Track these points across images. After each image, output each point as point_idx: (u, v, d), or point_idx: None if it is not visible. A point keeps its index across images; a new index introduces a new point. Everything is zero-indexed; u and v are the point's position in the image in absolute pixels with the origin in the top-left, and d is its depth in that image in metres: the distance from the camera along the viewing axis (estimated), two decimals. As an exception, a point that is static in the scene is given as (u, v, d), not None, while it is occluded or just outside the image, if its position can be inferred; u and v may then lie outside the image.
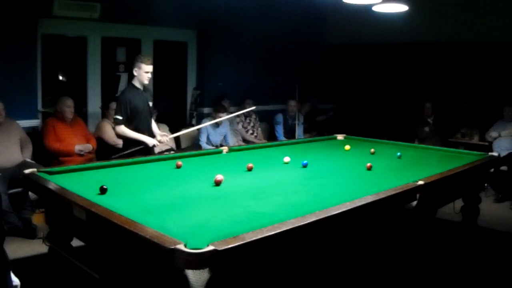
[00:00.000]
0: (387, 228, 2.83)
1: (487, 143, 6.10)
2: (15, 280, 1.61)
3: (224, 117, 5.45)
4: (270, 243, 1.89)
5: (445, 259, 3.68)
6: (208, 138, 5.83)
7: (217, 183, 2.83)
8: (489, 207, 5.10)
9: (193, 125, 6.42)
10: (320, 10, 7.64)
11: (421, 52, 7.04)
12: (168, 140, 4.46)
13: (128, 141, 4.11)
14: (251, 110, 6.24)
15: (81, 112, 5.52)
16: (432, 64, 6.99)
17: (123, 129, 4.04)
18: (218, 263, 1.67)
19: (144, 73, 4.08)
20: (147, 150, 4.12)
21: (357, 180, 3.15)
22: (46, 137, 4.70)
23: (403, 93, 7.26)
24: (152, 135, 4.26)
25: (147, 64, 4.07)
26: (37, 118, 5.13)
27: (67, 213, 2.38)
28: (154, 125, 4.42)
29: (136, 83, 4.14)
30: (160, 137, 4.28)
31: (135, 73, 4.12)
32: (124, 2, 5.49)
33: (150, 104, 4.29)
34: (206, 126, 5.82)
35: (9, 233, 4.03)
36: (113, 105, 5.28)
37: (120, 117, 4.01)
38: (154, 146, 4.18)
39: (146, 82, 4.14)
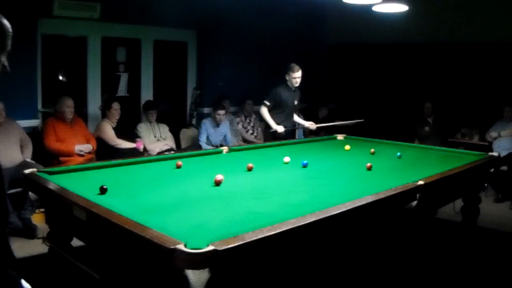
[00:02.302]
0: (387, 228, 2.83)
1: (487, 143, 6.10)
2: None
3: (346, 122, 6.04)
4: (270, 243, 1.89)
5: (445, 259, 3.68)
6: (208, 138, 5.83)
7: (217, 183, 2.83)
8: (489, 207, 5.10)
9: (193, 125, 6.44)
10: (320, 10, 7.64)
11: (421, 52, 7.04)
12: (315, 128, 5.68)
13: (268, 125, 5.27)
14: (252, 111, 6.37)
15: (81, 112, 5.52)
16: (432, 64, 6.99)
17: (264, 111, 5.23)
18: (218, 263, 1.67)
19: (293, 78, 5.20)
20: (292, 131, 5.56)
21: (357, 180, 3.15)
22: (46, 137, 4.70)
23: (403, 93, 7.26)
24: (293, 123, 5.46)
25: (295, 71, 5.17)
26: (37, 118, 5.13)
27: (67, 213, 2.38)
28: (297, 117, 5.60)
29: (288, 84, 5.27)
30: (308, 125, 5.57)
31: (286, 78, 5.25)
32: (124, 2, 5.49)
33: (296, 102, 5.40)
34: (206, 127, 5.83)
35: (9, 233, 4.03)
36: (115, 105, 5.30)
37: (267, 103, 5.21)
38: (279, 132, 5.17)
39: (296, 85, 5.26)
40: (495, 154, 4.17)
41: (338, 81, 8.11)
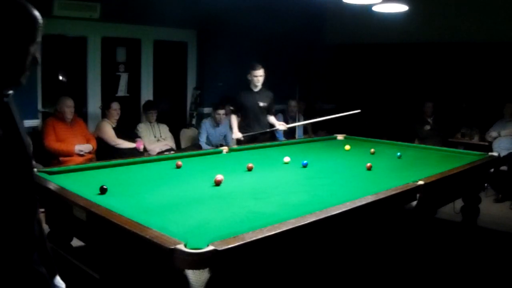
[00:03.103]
0: (387, 228, 2.83)
1: (487, 143, 6.10)
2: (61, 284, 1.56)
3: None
4: (270, 243, 1.89)
5: (445, 259, 3.68)
6: (208, 138, 5.83)
7: (217, 183, 2.83)
8: (489, 207, 5.10)
9: (193, 125, 6.44)
10: (320, 10, 7.63)
11: (421, 52, 7.03)
12: (286, 128, 5.38)
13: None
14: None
15: (81, 112, 5.52)
16: (432, 64, 6.99)
17: (231, 116, 5.09)
18: (218, 263, 1.67)
19: (254, 77, 4.90)
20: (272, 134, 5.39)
21: (357, 180, 3.15)
22: (46, 137, 4.70)
23: (403, 93, 7.26)
24: (264, 127, 5.09)
25: (256, 69, 4.90)
26: (37, 118, 5.13)
27: (67, 213, 2.38)
28: (272, 119, 5.18)
29: (251, 85, 4.97)
30: (278, 125, 5.17)
31: (249, 78, 4.96)
32: (124, 2, 5.49)
33: (261, 104, 5.00)
34: (206, 127, 5.84)
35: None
36: (114, 105, 5.30)
37: (232, 108, 5.13)
38: (235, 138, 5.03)
39: (257, 84, 4.94)
40: (495, 154, 4.16)
41: (338, 81, 8.11)
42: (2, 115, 1.26)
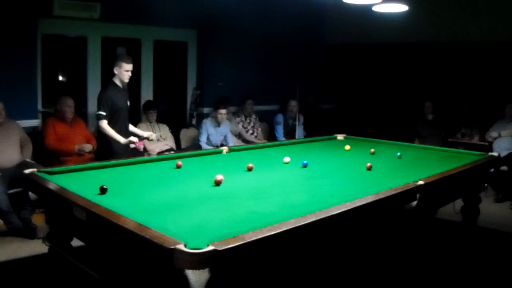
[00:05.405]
0: (387, 228, 2.83)
1: (487, 143, 6.10)
2: None
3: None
4: (270, 243, 1.89)
5: (445, 259, 3.68)
6: (208, 138, 5.83)
7: (217, 183, 2.83)
8: (489, 207, 5.10)
9: (193, 125, 6.45)
10: (320, 10, 7.64)
11: (421, 52, 7.04)
12: (154, 138, 4.67)
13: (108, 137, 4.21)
14: (252, 111, 6.38)
15: (81, 112, 5.52)
16: (432, 64, 6.99)
17: (105, 125, 4.15)
18: (218, 263, 1.67)
19: (124, 71, 4.23)
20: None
21: (357, 180, 3.15)
22: (46, 137, 4.70)
23: (403, 93, 7.27)
24: (128, 134, 4.37)
25: (127, 63, 4.23)
26: (37, 118, 5.13)
27: (67, 213, 2.39)
28: (132, 127, 4.58)
29: (117, 81, 4.29)
30: (148, 134, 4.50)
31: (115, 72, 4.26)
32: (124, 2, 5.49)
33: (128, 103, 4.42)
34: (206, 127, 5.84)
35: (9, 233, 4.04)
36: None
37: (103, 113, 4.15)
38: (129, 144, 4.29)
39: (126, 80, 4.29)
40: (495, 154, 4.17)
41: (338, 81, 8.11)
42: None
